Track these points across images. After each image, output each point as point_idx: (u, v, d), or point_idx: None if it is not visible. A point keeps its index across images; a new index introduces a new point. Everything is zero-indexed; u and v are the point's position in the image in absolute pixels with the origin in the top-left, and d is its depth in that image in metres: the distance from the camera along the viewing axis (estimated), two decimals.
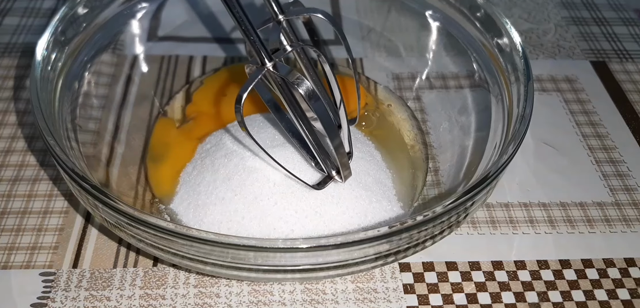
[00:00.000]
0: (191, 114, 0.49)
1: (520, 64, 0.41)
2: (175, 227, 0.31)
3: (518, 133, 0.37)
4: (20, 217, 0.42)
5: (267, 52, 0.31)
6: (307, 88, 0.31)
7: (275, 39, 0.34)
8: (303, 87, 0.30)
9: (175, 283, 0.38)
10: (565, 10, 0.65)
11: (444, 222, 0.33)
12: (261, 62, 0.31)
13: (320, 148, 0.34)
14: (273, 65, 0.31)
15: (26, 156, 0.47)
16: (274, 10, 0.35)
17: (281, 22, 0.35)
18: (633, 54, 0.59)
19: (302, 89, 0.30)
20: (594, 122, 0.51)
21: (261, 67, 0.31)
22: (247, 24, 0.30)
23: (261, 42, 0.31)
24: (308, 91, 0.31)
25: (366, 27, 0.59)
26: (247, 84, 0.31)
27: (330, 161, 0.35)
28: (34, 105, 0.37)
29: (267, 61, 0.31)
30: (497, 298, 0.38)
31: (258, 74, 0.31)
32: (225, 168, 0.41)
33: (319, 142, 0.34)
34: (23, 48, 0.57)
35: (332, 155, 0.34)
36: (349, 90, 0.48)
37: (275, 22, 0.35)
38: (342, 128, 0.36)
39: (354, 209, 0.39)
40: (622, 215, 0.43)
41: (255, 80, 0.31)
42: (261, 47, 0.31)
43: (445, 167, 0.45)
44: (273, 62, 0.31)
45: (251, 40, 0.30)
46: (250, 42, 0.31)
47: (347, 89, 0.49)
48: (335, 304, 0.37)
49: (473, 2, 0.47)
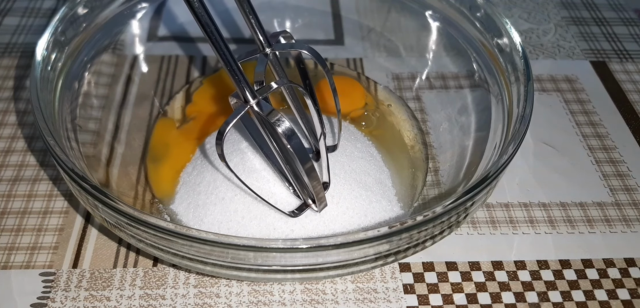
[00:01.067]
0: (191, 114, 0.49)
1: (520, 64, 0.41)
2: (175, 227, 0.31)
3: (518, 133, 0.37)
4: (20, 217, 0.42)
5: (250, 90, 0.32)
6: (286, 128, 0.32)
7: (261, 71, 0.35)
8: (282, 127, 0.32)
9: (175, 283, 0.38)
10: (565, 10, 0.65)
11: (444, 222, 0.33)
12: (244, 100, 0.32)
13: (298, 177, 0.35)
14: (257, 102, 0.32)
15: (26, 156, 0.47)
16: (260, 42, 0.36)
17: (268, 55, 0.36)
18: (633, 54, 0.59)
19: (281, 129, 0.32)
20: (594, 122, 0.51)
21: (245, 104, 0.32)
22: (231, 62, 0.31)
23: (246, 80, 0.32)
24: (287, 131, 0.32)
25: (366, 27, 0.59)
26: (230, 119, 0.32)
27: (307, 190, 0.36)
28: (34, 105, 0.37)
29: (250, 98, 0.32)
30: (497, 298, 0.38)
31: (241, 110, 0.32)
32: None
33: (296, 172, 0.35)
34: (23, 48, 0.57)
35: (307, 183, 0.35)
36: (346, 91, 0.48)
37: (261, 54, 0.36)
38: (321, 157, 0.37)
39: (354, 209, 0.39)
40: (622, 215, 0.43)
41: (237, 117, 0.32)
42: (245, 85, 0.32)
43: (445, 167, 0.45)
44: (257, 100, 0.32)
45: (236, 79, 0.31)
46: (234, 80, 0.31)
47: (345, 90, 0.49)
48: (335, 304, 0.37)
49: (473, 2, 0.47)
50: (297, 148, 0.32)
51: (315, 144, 0.38)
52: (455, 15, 0.49)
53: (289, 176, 0.36)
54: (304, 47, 0.37)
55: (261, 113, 0.32)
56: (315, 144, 0.38)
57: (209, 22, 0.30)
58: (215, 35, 0.31)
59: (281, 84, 0.34)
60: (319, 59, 0.37)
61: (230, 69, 0.31)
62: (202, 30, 0.31)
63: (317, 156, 0.39)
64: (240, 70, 0.31)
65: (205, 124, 0.47)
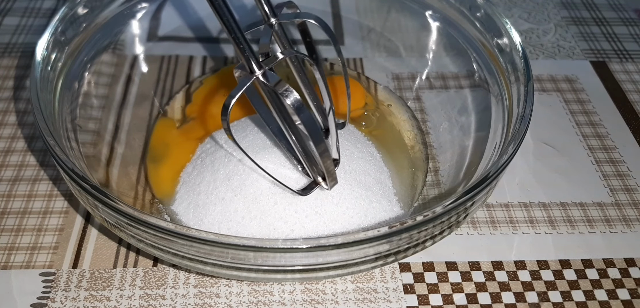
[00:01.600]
0: (191, 114, 0.49)
1: (520, 64, 0.41)
2: (175, 227, 0.31)
3: (518, 133, 0.37)
4: (20, 217, 0.42)
5: (256, 60, 0.30)
6: (295, 99, 0.30)
7: (266, 43, 0.33)
8: (291, 98, 0.30)
9: (175, 284, 0.38)
10: (565, 10, 0.65)
11: (444, 222, 0.33)
12: (250, 70, 0.31)
13: (307, 154, 0.34)
14: (262, 73, 0.31)
15: (26, 156, 0.47)
16: (265, 13, 0.34)
17: (273, 25, 0.34)
18: (633, 54, 0.59)
19: (290, 100, 0.30)
20: (594, 122, 0.51)
21: (250, 75, 0.31)
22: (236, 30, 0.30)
23: (251, 50, 0.30)
24: (295, 102, 0.30)
25: (366, 27, 0.59)
26: (235, 92, 0.30)
27: (317, 168, 0.34)
28: (34, 105, 0.37)
29: (256, 69, 0.31)
30: (497, 298, 0.38)
31: (246, 81, 0.30)
32: (225, 168, 0.41)
33: (306, 148, 0.34)
34: (23, 48, 0.57)
35: (318, 162, 0.33)
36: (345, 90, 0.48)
37: (266, 25, 0.34)
38: (330, 134, 0.36)
39: (354, 209, 0.39)
40: (622, 215, 0.43)
41: (243, 89, 0.30)
42: (251, 55, 0.30)
43: (445, 167, 0.45)
44: (263, 71, 0.31)
45: (240, 48, 0.30)
46: (239, 50, 0.30)
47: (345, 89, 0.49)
48: (335, 304, 0.37)
49: (473, 2, 0.47)
50: (307, 121, 0.31)
51: (323, 120, 0.36)
52: (455, 15, 0.49)
53: (298, 153, 0.34)
54: (310, 16, 0.35)
55: (268, 84, 0.30)
56: (323, 121, 0.36)
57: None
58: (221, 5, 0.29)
59: (288, 54, 0.32)
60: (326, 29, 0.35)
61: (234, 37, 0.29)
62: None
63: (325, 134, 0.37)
64: (245, 39, 0.30)
65: (205, 124, 0.47)
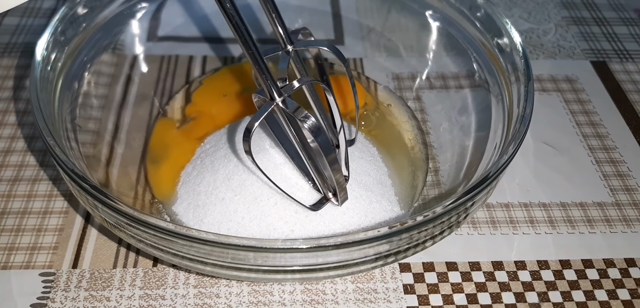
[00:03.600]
0: (191, 114, 0.49)
1: (521, 64, 0.41)
2: (175, 228, 0.31)
3: (518, 133, 0.37)
4: (20, 217, 0.42)
5: (277, 88, 0.33)
6: (313, 124, 0.32)
7: (284, 68, 0.36)
8: (309, 122, 0.32)
9: (175, 284, 0.38)
10: (565, 10, 0.65)
11: (444, 223, 0.33)
12: (271, 97, 0.33)
13: (319, 171, 0.36)
14: (282, 100, 0.33)
15: (26, 156, 0.47)
16: (283, 40, 0.37)
17: (289, 52, 0.37)
18: (633, 54, 0.59)
19: (308, 125, 0.32)
20: (594, 122, 0.51)
21: (271, 101, 0.33)
22: (260, 62, 0.32)
23: (273, 78, 0.33)
24: (313, 127, 0.33)
25: (366, 27, 0.59)
26: (256, 117, 0.33)
27: (328, 184, 0.37)
28: (34, 105, 0.37)
29: (276, 96, 0.33)
30: (497, 298, 0.38)
31: (267, 108, 0.33)
32: (225, 169, 0.41)
33: (318, 166, 0.36)
34: (23, 48, 0.57)
35: (329, 178, 0.35)
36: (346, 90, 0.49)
37: (283, 51, 0.37)
38: (340, 150, 0.38)
39: (354, 209, 0.39)
40: (622, 216, 0.43)
41: (264, 114, 0.33)
42: (273, 84, 0.33)
43: (445, 167, 0.45)
44: (282, 98, 0.33)
45: (263, 77, 0.32)
46: (262, 79, 0.32)
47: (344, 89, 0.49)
48: (335, 304, 0.37)
49: (473, 2, 0.47)
50: (323, 143, 0.33)
51: (332, 137, 0.39)
52: (455, 15, 0.49)
53: (311, 170, 0.36)
54: (324, 44, 0.38)
55: (287, 110, 0.33)
56: (332, 138, 0.39)
57: (240, 22, 0.31)
58: (245, 36, 0.31)
59: (304, 82, 0.35)
60: (340, 56, 0.38)
61: (258, 68, 0.32)
62: (232, 30, 0.31)
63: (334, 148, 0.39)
64: (268, 68, 0.32)
65: (205, 124, 0.47)
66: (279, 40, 0.37)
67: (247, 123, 0.33)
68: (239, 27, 0.31)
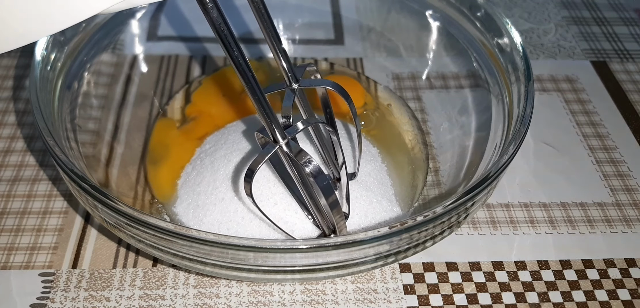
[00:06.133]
0: (191, 115, 0.49)
1: (521, 64, 0.41)
2: (175, 228, 0.31)
3: (518, 133, 0.37)
4: (19, 217, 0.42)
5: (281, 131, 0.33)
6: (314, 168, 0.33)
7: (288, 106, 0.36)
8: (310, 166, 0.32)
9: (174, 284, 0.38)
10: (565, 10, 0.65)
11: (444, 223, 0.33)
12: (274, 140, 0.33)
13: (319, 208, 0.36)
14: (286, 143, 0.33)
15: (26, 156, 0.47)
16: (288, 78, 0.36)
17: (294, 90, 0.37)
18: (634, 54, 0.59)
19: (310, 169, 0.32)
20: (595, 122, 0.51)
21: (274, 143, 0.33)
22: (264, 104, 0.31)
23: (277, 121, 0.32)
24: (314, 171, 0.33)
25: (366, 27, 0.59)
26: (259, 159, 0.33)
27: (327, 222, 0.37)
28: (34, 106, 0.37)
29: (280, 139, 0.33)
30: (497, 298, 0.38)
31: (271, 149, 0.33)
32: (225, 169, 0.41)
33: (318, 204, 0.36)
34: (23, 48, 0.57)
35: (328, 216, 0.36)
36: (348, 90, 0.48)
37: (288, 89, 0.37)
38: (340, 186, 0.38)
39: (354, 209, 0.39)
40: (622, 216, 0.43)
41: (267, 156, 0.33)
42: (277, 127, 0.32)
43: (445, 167, 0.44)
44: (286, 141, 0.33)
45: (267, 121, 0.32)
46: (266, 122, 0.32)
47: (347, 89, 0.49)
48: (335, 304, 0.37)
49: (473, 2, 0.47)
50: (324, 187, 0.33)
51: (333, 171, 0.39)
52: (455, 15, 0.49)
53: (310, 207, 0.36)
54: (328, 83, 0.38)
55: (290, 154, 0.33)
56: (333, 172, 0.39)
57: (247, 69, 0.30)
58: (252, 82, 0.31)
59: (308, 124, 0.35)
60: (345, 95, 0.38)
61: (261, 110, 0.31)
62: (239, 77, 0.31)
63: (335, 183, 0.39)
64: (272, 111, 0.32)
65: (205, 124, 0.47)
66: (284, 76, 0.36)
67: (250, 164, 0.33)
68: (245, 73, 0.30)
